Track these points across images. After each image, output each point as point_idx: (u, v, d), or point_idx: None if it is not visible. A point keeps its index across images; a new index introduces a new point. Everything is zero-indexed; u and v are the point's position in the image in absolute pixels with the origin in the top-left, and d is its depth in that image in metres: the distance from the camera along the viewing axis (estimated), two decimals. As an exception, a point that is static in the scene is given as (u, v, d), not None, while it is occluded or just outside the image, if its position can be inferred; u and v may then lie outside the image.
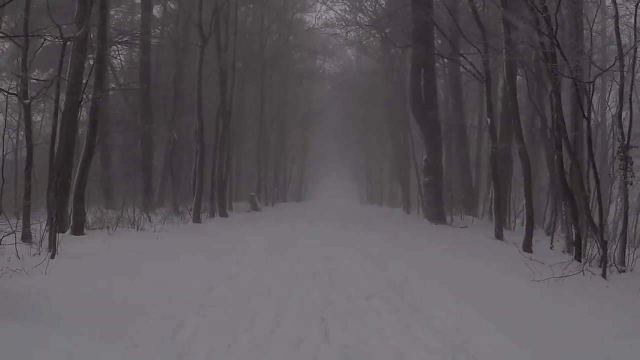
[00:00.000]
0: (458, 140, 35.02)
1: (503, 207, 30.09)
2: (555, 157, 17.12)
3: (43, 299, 8.68)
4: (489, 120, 22.41)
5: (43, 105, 34.37)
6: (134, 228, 19.90)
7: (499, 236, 21.63)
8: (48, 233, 13.97)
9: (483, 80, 22.51)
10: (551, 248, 19.13)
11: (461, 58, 27.34)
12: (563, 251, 18.22)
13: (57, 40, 16.59)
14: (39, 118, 36.28)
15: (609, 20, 29.17)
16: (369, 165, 65.60)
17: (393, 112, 46.63)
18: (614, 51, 21.92)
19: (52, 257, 12.46)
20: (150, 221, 22.36)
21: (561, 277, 11.99)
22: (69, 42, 16.63)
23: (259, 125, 43.75)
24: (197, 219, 25.26)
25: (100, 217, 21.21)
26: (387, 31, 31.49)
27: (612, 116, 21.73)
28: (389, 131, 49.50)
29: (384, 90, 47.42)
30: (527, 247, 18.76)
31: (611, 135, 28.89)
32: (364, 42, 44.83)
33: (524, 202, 19.90)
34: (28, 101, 15.61)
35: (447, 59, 30.50)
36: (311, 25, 48.33)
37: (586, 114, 15.48)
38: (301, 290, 10.44)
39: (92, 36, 21.58)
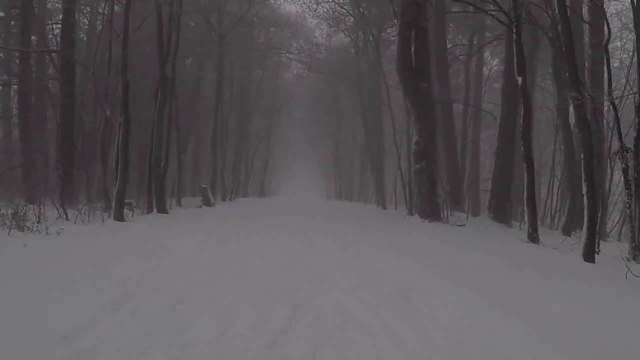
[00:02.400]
0: (445, 122, 28.53)
1: (507, 198, 24.21)
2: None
3: None
4: (520, 79, 15.45)
5: None
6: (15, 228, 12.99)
7: (534, 238, 15.01)
8: None
9: (513, 25, 15.65)
10: (597, 253, 13.17)
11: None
12: (627, 258, 12.54)
13: None
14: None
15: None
16: (338, 158, 58.73)
17: (365, 92, 40.81)
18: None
19: None
20: (67, 218, 16.24)
21: None
22: None
23: (215, 106, 36.18)
24: (119, 216, 18.04)
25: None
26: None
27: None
28: (361, 117, 42.83)
29: (356, 70, 41.31)
30: (590, 255, 12.46)
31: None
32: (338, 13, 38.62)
33: (585, 190, 12.93)
34: None
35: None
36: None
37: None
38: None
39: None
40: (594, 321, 6.57)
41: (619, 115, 14.18)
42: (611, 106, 14.14)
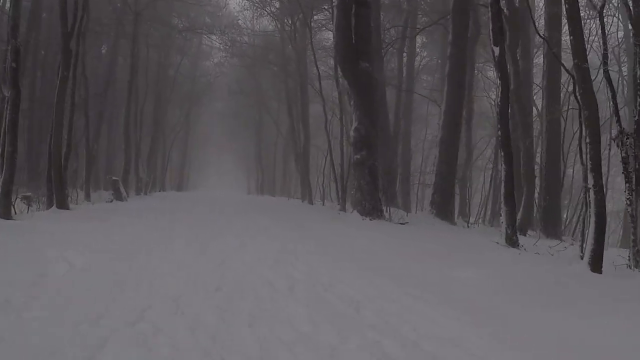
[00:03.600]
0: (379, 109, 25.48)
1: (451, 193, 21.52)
2: None
3: None
4: (497, 49, 12.35)
5: None
6: None
7: (513, 242, 11.96)
8: None
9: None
10: (582, 258, 10.51)
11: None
12: (629, 266, 10.17)
13: None
14: None
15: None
16: (260, 150, 55.24)
17: (291, 80, 37.88)
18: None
19: None
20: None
21: None
22: None
23: (128, 90, 32.06)
24: (6, 213, 14.20)
25: None
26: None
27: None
28: (286, 106, 39.70)
29: (282, 56, 38.26)
30: (597, 264, 9.56)
31: None
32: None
33: (592, 182, 10.03)
34: None
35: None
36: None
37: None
38: None
39: None
40: None
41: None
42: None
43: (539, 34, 14.84)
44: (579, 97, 10.98)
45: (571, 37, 10.11)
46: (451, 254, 10.52)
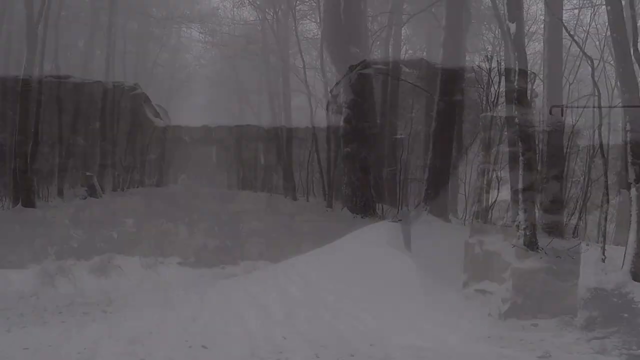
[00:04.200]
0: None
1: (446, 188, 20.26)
2: None
3: None
4: (512, 26, 10.74)
5: None
6: None
7: (532, 245, 10.45)
8: None
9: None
10: (604, 261, 9.47)
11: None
12: None
13: None
14: None
15: None
16: (241, 144, 53.76)
17: (272, 71, 36.73)
18: None
19: None
20: None
21: None
22: None
23: (105, 83, 30.53)
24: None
25: None
26: None
27: None
28: (267, 98, 38.34)
29: (263, 45, 36.73)
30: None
31: None
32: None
33: (634, 177, 8.56)
34: None
35: None
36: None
37: None
38: None
39: None
40: None
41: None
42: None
43: (548, 8, 13.37)
44: (596, 81, 9.69)
45: (608, 7, 8.60)
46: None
